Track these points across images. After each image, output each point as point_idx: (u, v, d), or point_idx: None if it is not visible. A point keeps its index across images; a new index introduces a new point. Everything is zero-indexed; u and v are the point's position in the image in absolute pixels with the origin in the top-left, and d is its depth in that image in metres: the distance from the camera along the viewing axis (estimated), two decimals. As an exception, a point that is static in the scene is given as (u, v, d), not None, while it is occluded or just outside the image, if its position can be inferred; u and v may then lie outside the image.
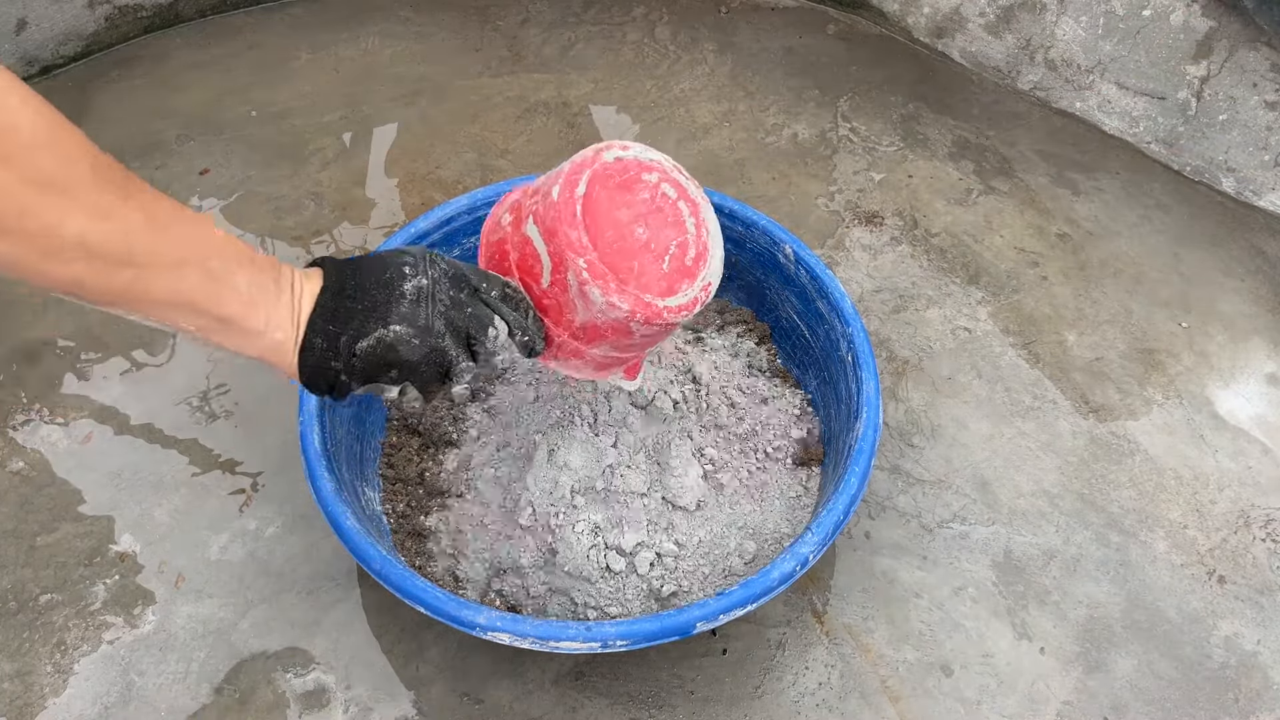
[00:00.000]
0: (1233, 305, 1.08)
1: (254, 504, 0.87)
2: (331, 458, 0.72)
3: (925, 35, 1.38)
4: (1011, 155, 1.24)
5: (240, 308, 0.52)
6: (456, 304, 0.57)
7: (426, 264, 0.57)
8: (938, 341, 1.03)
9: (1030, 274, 1.10)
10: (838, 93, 1.32)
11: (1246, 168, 1.18)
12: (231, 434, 0.92)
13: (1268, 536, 0.89)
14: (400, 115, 1.25)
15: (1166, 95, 1.22)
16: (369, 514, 0.78)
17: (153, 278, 0.47)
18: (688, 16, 1.42)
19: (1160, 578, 0.86)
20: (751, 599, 0.64)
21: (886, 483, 0.91)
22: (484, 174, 1.18)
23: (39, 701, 0.75)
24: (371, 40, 1.36)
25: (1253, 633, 0.82)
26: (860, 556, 0.85)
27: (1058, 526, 0.88)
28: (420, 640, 0.79)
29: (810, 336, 0.88)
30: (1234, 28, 1.16)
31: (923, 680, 0.78)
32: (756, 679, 0.78)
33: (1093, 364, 1.02)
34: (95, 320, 1.00)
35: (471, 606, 0.63)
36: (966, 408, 0.97)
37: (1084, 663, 0.80)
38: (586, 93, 1.30)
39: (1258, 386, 1.00)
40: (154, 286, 0.48)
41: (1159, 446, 0.95)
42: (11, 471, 0.88)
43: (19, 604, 0.80)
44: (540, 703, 0.76)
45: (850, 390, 0.79)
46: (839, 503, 0.70)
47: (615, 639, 0.62)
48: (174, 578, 0.82)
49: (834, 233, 1.14)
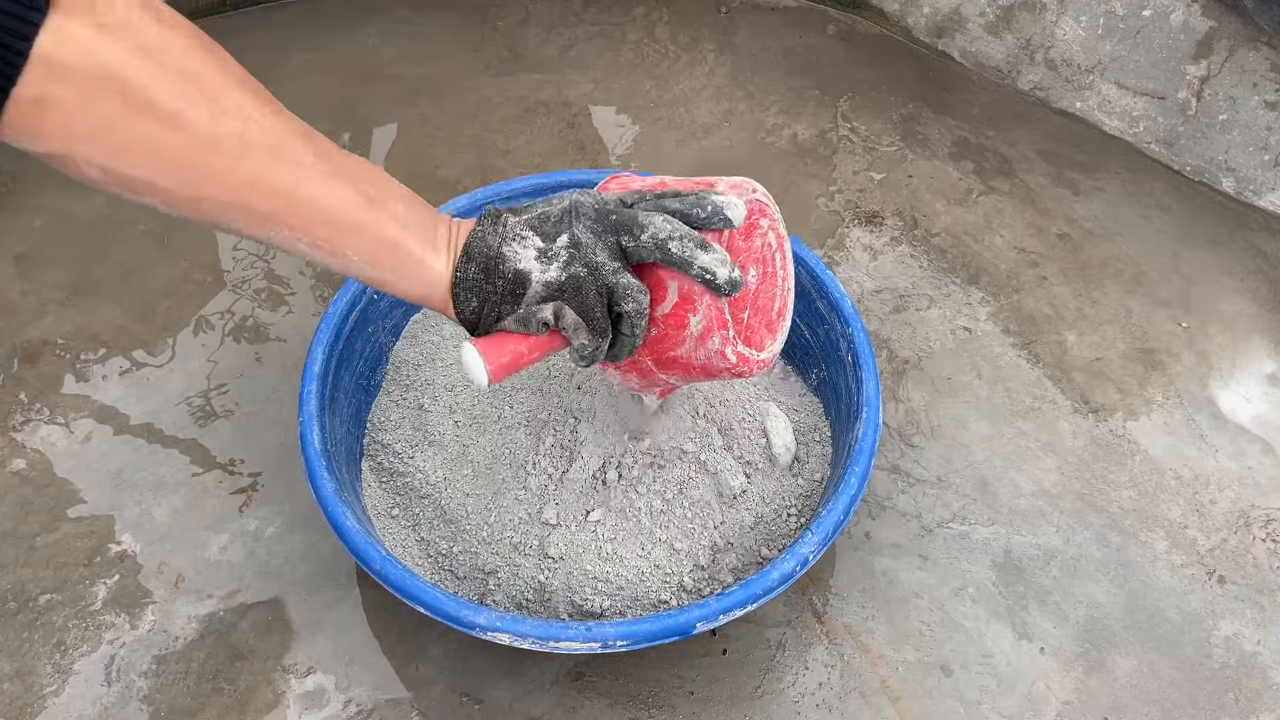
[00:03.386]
0: (1233, 305, 1.08)
1: (254, 504, 0.87)
2: (331, 458, 0.72)
3: (925, 35, 1.38)
4: (1011, 155, 1.24)
5: (399, 232, 0.53)
6: (603, 214, 0.57)
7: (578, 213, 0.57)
8: (938, 341, 1.03)
9: (1030, 274, 1.10)
10: (838, 93, 1.32)
11: (1246, 168, 1.18)
12: (231, 434, 0.92)
13: (1268, 536, 0.89)
14: (400, 115, 1.25)
15: (1166, 95, 1.22)
16: (369, 514, 0.79)
17: (314, 182, 0.49)
18: (688, 16, 1.42)
19: (1160, 578, 0.86)
20: (751, 599, 0.64)
21: (886, 483, 0.91)
22: (484, 174, 1.18)
23: (39, 702, 0.75)
24: (371, 40, 1.36)
25: (1253, 633, 0.82)
26: (860, 556, 0.85)
27: (1058, 527, 0.88)
28: (420, 640, 0.79)
29: (810, 336, 0.88)
30: (1234, 28, 1.16)
31: (923, 680, 0.78)
32: (756, 679, 0.78)
33: (1093, 364, 1.02)
34: (95, 320, 1.00)
35: (471, 606, 0.63)
36: (966, 408, 0.97)
37: (1084, 663, 0.80)
38: (586, 93, 1.30)
39: (1258, 386, 1.00)
40: (313, 192, 0.49)
41: (1159, 446, 0.95)
42: (11, 471, 0.88)
43: (19, 604, 0.80)
44: (540, 703, 0.76)
45: (850, 390, 0.79)
46: (839, 503, 0.70)
47: (615, 639, 0.62)
48: (174, 578, 0.82)
49: (834, 233, 1.14)
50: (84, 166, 0.43)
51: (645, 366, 0.62)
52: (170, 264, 1.06)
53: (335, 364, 0.78)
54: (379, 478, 0.82)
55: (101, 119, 0.41)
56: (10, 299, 1.02)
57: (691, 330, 0.58)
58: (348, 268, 0.53)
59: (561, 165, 1.20)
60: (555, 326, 0.56)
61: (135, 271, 1.05)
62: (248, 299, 1.03)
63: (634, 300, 0.56)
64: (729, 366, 0.60)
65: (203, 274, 1.05)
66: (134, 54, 0.41)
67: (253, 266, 1.06)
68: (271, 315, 1.02)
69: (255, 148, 0.46)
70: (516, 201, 0.90)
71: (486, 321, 0.56)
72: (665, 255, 0.55)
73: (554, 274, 0.55)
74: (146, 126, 0.42)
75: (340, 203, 0.50)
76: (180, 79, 0.43)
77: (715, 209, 0.55)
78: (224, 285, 1.04)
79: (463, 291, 0.55)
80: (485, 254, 0.55)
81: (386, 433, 0.84)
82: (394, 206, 0.53)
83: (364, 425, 0.85)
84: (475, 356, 0.56)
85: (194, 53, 0.44)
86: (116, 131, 0.42)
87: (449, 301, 0.56)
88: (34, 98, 0.39)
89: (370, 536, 0.68)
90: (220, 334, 1.00)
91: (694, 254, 0.54)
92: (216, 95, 0.45)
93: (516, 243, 0.55)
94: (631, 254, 0.56)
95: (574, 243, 0.55)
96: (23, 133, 0.40)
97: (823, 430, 0.86)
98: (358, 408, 0.83)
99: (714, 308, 0.57)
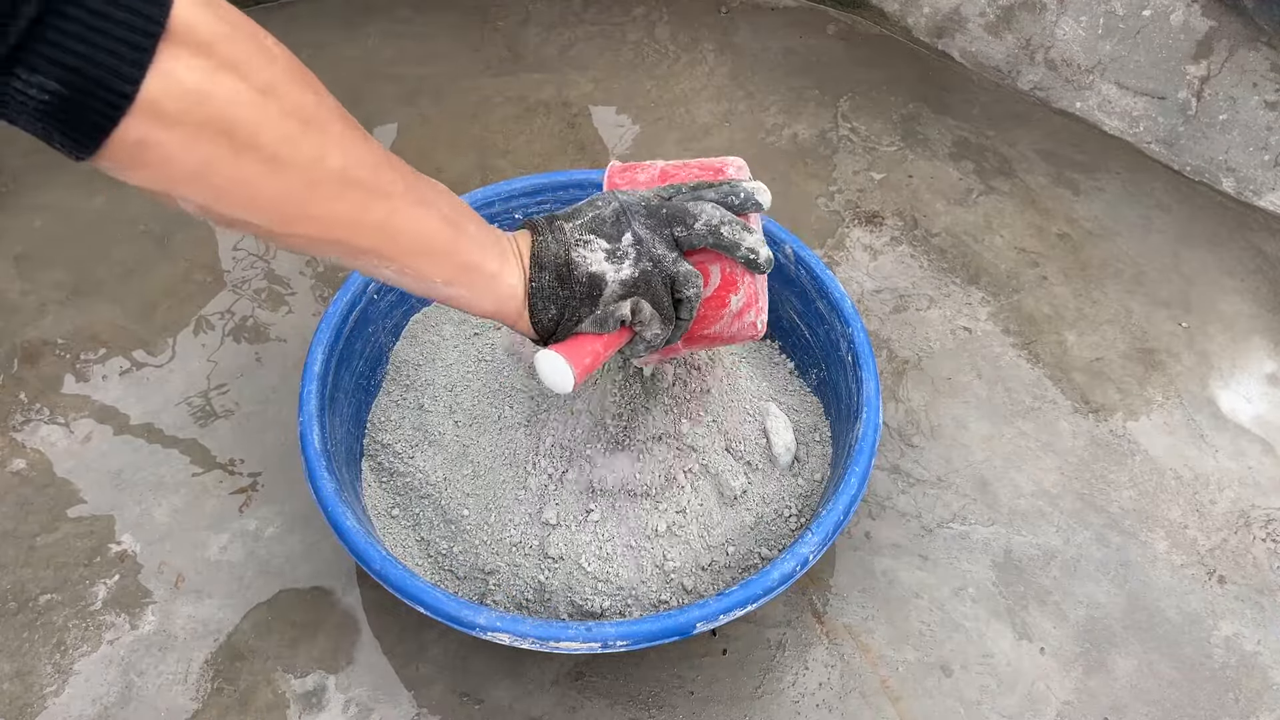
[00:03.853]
0: (1233, 305, 1.08)
1: (254, 504, 0.87)
2: (331, 458, 0.72)
3: (925, 35, 1.38)
4: (1011, 155, 1.24)
5: (477, 252, 0.53)
6: (653, 210, 0.59)
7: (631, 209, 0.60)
8: (938, 341, 1.03)
9: (1030, 274, 1.10)
10: (838, 93, 1.32)
11: (1246, 168, 1.18)
12: (231, 434, 0.92)
13: (1268, 536, 0.89)
14: (400, 115, 1.25)
15: (1166, 95, 1.22)
16: (369, 514, 0.79)
17: (404, 213, 0.48)
18: (688, 16, 1.42)
19: (1160, 578, 0.86)
20: (751, 599, 0.64)
21: (886, 483, 0.91)
22: (484, 174, 1.18)
23: (38, 702, 0.75)
24: (371, 40, 1.36)
25: (1253, 633, 0.82)
26: (860, 556, 0.85)
27: (1058, 527, 0.88)
28: (420, 640, 0.79)
29: (810, 336, 0.88)
30: (1234, 28, 1.16)
31: (923, 680, 0.78)
32: (756, 679, 0.78)
33: (1093, 364, 1.02)
34: (95, 320, 1.00)
35: (471, 606, 0.63)
36: (966, 408, 0.97)
37: (1084, 663, 0.80)
38: (586, 93, 1.30)
39: (1258, 386, 1.00)
40: (404, 224, 0.49)
41: (1159, 446, 0.95)
42: (11, 471, 0.88)
43: (19, 604, 0.80)
44: (540, 703, 0.76)
45: (850, 390, 0.79)
46: (839, 503, 0.70)
47: (615, 639, 0.62)
48: (174, 578, 0.82)
49: (834, 233, 1.14)
50: (182, 203, 0.41)
51: (674, 346, 0.65)
52: (170, 264, 1.06)
53: (335, 364, 0.78)
54: (379, 478, 0.82)
55: (204, 162, 0.39)
56: (10, 299, 1.02)
57: (731, 308, 0.62)
58: (429, 290, 0.53)
59: (561, 165, 1.20)
60: (630, 322, 0.59)
61: (135, 271, 1.05)
62: (248, 299, 1.03)
63: (694, 285, 0.59)
64: (754, 334, 0.64)
65: (203, 274, 1.05)
66: (246, 96, 0.39)
67: (253, 266, 1.06)
68: (271, 315, 1.02)
69: (352, 185, 0.45)
70: (518, 201, 0.90)
71: (565, 327, 0.57)
72: (718, 240, 0.59)
73: (627, 272, 0.57)
74: (250, 171, 0.41)
75: (428, 231, 0.50)
76: (286, 119, 0.41)
77: (748, 196, 0.60)
78: (224, 285, 1.04)
79: (540, 301, 0.56)
80: (556, 262, 0.56)
81: (386, 433, 0.84)
82: (469, 228, 0.53)
83: (364, 425, 0.85)
84: (561, 362, 0.57)
85: (298, 87, 0.42)
86: (218, 176, 0.40)
87: (523, 313, 0.57)
88: (136, 140, 0.37)
89: (370, 536, 0.68)
90: (220, 334, 1.00)
91: (742, 236, 0.59)
92: (320, 133, 0.43)
93: (583, 247, 0.57)
94: (683, 242, 0.59)
95: (638, 239, 0.58)
96: (120, 166, 0.38)
97: (823, 430, 0.86)
98: (358, 408, 0.83)
99: (751, 285, 0.61)
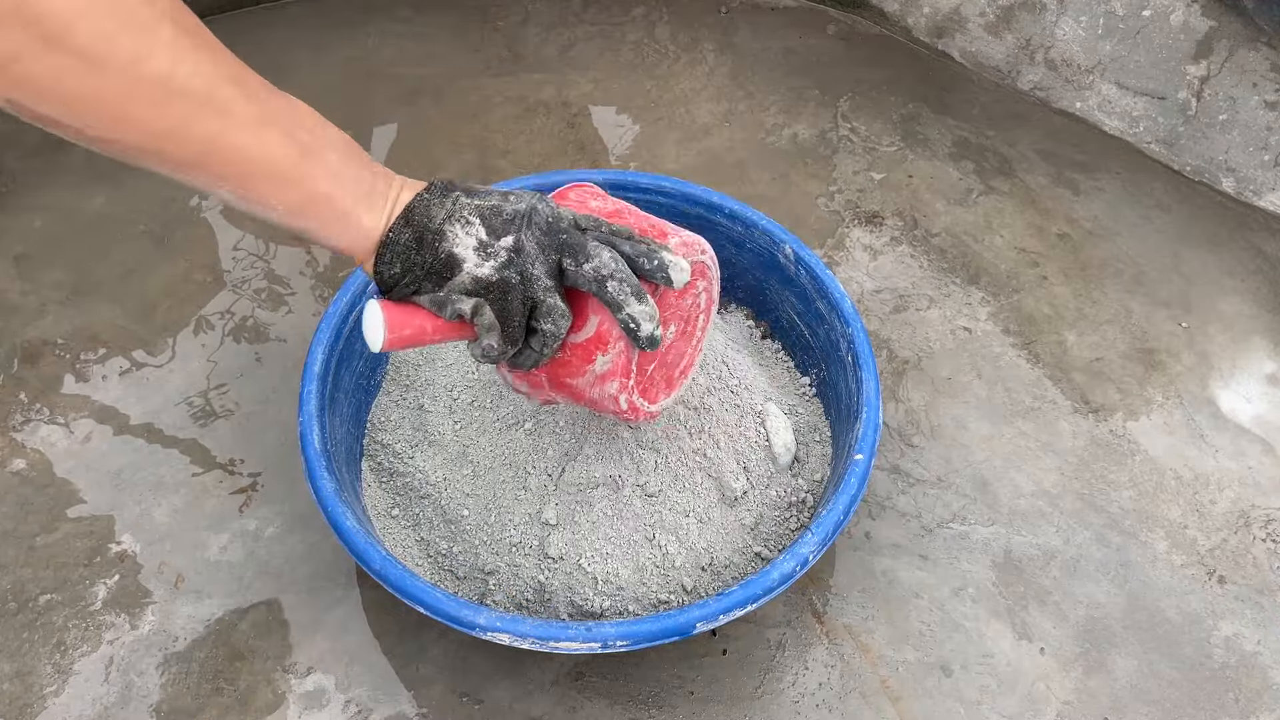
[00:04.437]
0: (1233, 305, 1.08)
1: (254, 504, 0.87)
2: (331, 458, 0.72)
3: (925, 35, 1.38)
4: (1011, 155, 1.24)
5: (331, 185, 0.50)
6: (555, 229, 0.55)
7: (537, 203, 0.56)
8: (938, 341, 1.03)
9: (1030, 274, 1.10)
10: (838, 93, 1.32)
11: (1246, 168, 1.18)
12: (231, 434, 0.92)
13: (1268, 536, 0.89)
14: (400, 115, 1.25)
15: (1166, 95, 1.22)
16: (369, 514, 0.79)
17: (241, 131, 0.46)
18: (688, 16, 1.42)
19: (1160, 578, 0.86)
20: (751, 599, 0.64)
21: (886, 483, 0.91)
22: (484, 174, 1.18)
23: (38, 702, 0.75)
24: (371, 40, 1.36)
25: (1253, 633, 0.82)
26: (860, 556, 0.85)
27: (1058, 527, 0.88)
28: (420, 640, 0.79)
29: (810, 336, 0.88)
30: (1234, 28, 1.16)
31: (923, 680, 0.78)
32: (756, 679, 0.78)
33: (1093, 364, 1.02)
34: (95, 320, 1.00)
35: (471, 607, 0.63)
36: (966, 408, 0.97)
37: (1084, 663, 0.80)
38: (586, 93, 1.30)
39: (1258, 386, 1.00)
40: (239, 142, 0.46)
41: (1159, 446, 0.95)
42: (11, 471, 0.88)
43: (19, 604, 0.80)
44: (540, 703, 0.76)
45: (850, 390, 0.79)
46: (839, 503, 0.70)
47: (615, 639, 0.62)
48: (174, 578, 0.82)
49: (834, 233, 1.14)
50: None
51: (538, 380, 0.62)
52: (170, 264, 1.06)
53: (335, 364, 0.78)
54: (379, 478, 0.82)
55: (9, 53, 0.37)
56: (10, 299, 1.02)
57: (595, 369, 0.58)
58: (269, 216, 0.50)
59: (561, 165, 1.20)
60: (470, 321, 0.55)
61: (135, 271, 1.05)
62: (248, 299, 1.03)
63: (554, 323, 0.55)
64: (617, 410, 0.61)
65: (203, 274, 1.05)
66: None
67: (253, 266, 1.06)
68: (271, 315, 1.02)
69: (178, 95, 0.42)
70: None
71: (402, 290, 0.55)
72: (600, 291, 0.54)
73: (487, 271, 0.54)
74: (60, 65, 0.38)
75: (270, 155, 0.47)
76: (104, 17, 0.38)
77: (661, 265, 0.55)
78: (224, 285, 1.04)
79: (389, 253, 0.53)
80: (425, 225, 0.53)
81: (386, 433, 0.84)
82: (328, 156, 0.50)
83: (364, 425, 0.85)
84: (379, 318, 0.54)
85: None
86: (22, 68, 0.38)
87: (371, 258, 0.54)
88: None
89: (370, 537, 0.68)
90: (220, 334, 1.00)
91: (627, 299, 0.54)
92: (145, 34, 0.40)
93: (460, 225, 0.54)
94: (569, 277, 0.55)
95: (517, 248, 0.54)
96: None
97: (823, 430, 0.86)
98: (358, 408, 0.83)
99: (624, 354, 0.58)
